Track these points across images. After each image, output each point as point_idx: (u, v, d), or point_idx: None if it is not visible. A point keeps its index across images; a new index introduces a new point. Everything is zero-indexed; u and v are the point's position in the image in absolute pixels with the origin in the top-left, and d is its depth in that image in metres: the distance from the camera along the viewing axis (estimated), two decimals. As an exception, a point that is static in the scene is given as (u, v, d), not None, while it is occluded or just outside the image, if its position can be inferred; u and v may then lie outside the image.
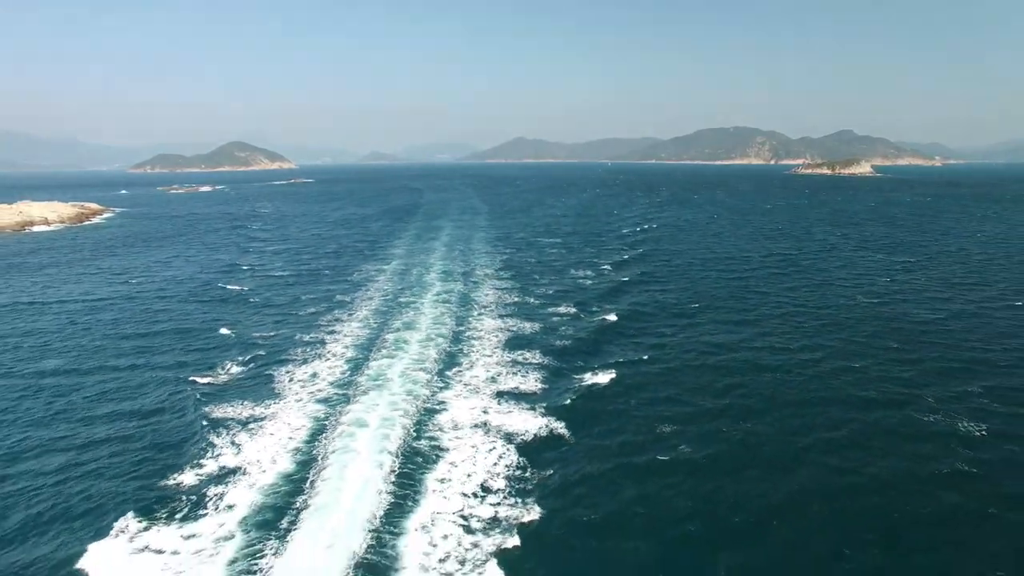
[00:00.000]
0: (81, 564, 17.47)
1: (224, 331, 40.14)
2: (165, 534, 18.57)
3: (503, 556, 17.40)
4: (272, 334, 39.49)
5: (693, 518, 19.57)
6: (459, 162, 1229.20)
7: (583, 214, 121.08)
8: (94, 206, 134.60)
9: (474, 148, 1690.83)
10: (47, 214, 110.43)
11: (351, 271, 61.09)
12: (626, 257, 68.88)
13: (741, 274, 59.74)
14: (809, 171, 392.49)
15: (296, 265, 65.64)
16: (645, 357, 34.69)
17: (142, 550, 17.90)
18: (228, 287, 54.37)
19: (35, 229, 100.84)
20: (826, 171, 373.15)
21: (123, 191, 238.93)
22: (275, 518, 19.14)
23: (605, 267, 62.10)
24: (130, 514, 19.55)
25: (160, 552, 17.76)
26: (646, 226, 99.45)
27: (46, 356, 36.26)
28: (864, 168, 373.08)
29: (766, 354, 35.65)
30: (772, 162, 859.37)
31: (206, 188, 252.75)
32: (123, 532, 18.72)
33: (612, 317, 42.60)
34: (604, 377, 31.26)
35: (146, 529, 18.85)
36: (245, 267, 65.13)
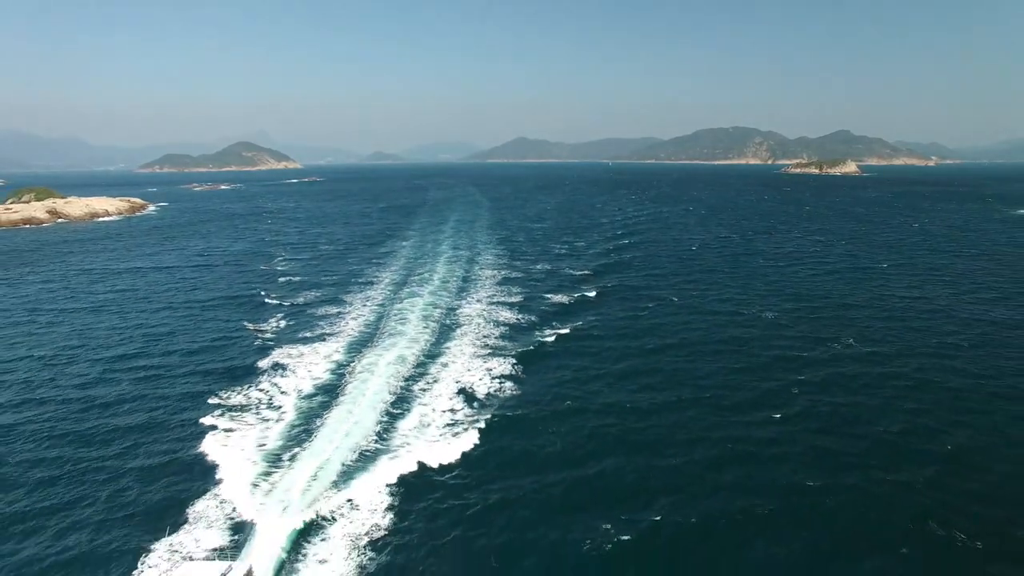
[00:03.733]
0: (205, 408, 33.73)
1: (297, 278, 56.97)
2: (300, 350, 35.31)
3: (493, 362, 34.28)
4: (332, 279, 56.55)
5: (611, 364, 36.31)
6: (462, 162, 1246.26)
7: (572, 209, 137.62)
8: (139, 200, 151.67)
9: (476, 148, 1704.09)
10: (106, 207, 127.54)
11: (379, 245, 78.08)
12: (596, 236, 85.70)
13: (688, 247, 76.49)
14: (798, 170, 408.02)
15: (333, 243, 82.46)
16: (593, 293, 51.42)
17: (277, 365, 34.42)
18: (285, 255, 71.36)
19: (102, 219, 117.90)
20: (813, 171, 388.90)
21: (151, 189, 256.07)
22: (364, 339, 36.34)
23: (578, 243, 79.04)
24: (276, 350, 36.30)
25: (293, 356, 34.38)
26: (621, 217, 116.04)
27: (172, 299, 53.21)
28: (850, 168, 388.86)
29: (681, 293, 52.43)
30: (769, 162, 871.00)
31: (225, 186, 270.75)
32: (270, 352, 35.37)
33: (575, 270, 59.61)
34: (563, 298, 48.19)
35: (287, 346, 35.48)
36: (292, 243, 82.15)
